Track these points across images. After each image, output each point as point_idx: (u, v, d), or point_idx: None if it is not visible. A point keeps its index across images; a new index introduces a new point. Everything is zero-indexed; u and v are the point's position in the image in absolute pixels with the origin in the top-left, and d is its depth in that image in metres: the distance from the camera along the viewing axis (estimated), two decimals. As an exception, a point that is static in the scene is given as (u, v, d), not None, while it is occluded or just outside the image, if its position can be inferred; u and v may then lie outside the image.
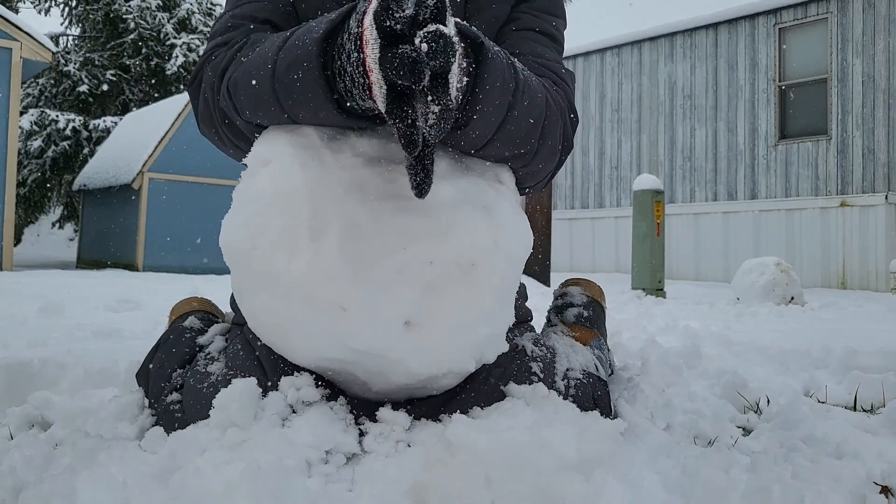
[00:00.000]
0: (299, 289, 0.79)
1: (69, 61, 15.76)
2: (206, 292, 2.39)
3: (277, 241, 0.80)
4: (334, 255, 0.77)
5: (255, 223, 0.83)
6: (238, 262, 0.86)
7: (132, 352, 1.72)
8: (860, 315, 4.32)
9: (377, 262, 0.78)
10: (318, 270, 0.78)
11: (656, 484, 0.77)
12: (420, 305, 0.80)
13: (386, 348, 0.80)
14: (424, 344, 0.81)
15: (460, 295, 0.81)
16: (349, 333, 0.79)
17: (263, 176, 0.84)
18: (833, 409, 1.39)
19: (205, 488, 0.68)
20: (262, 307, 0.84)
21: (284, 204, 0.81)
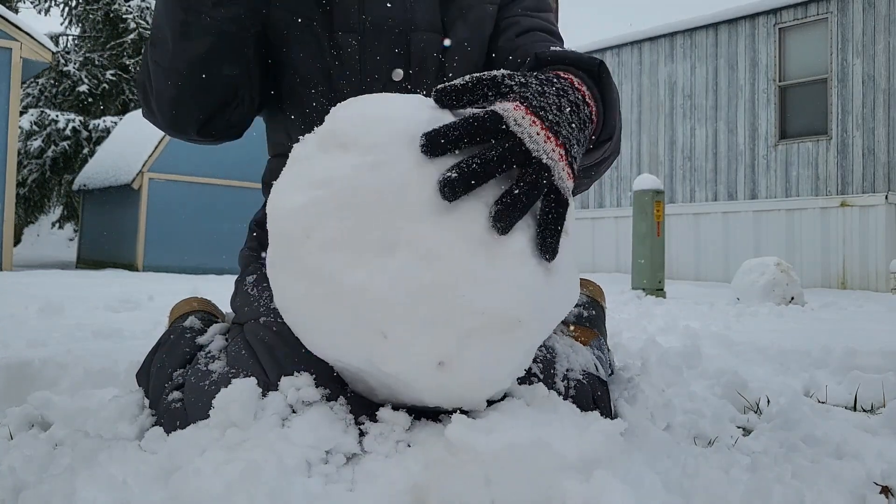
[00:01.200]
0: (347, 300, 0.76)
1: (69, 61, 15.76)
2: (206, 292, 2.39)
3: (337, 241, 0.76)
4: (394, 278, 0.74)
5: (314, 213, 0.77)
6: (283, 242, 0.80)
7: (132, 352, 1.72)
8: (860, 315, 4.32)
9: (432, 300, 0.74)
10: (373, 289, 0.74)
11: (656, 484, 0.77)
12: (457, 350, 0.77)
13: (412, 380, 0.80)
14: (450, 386, 0.80)
15: (497, 349, 0.79)
16: (382, 358, 0.78)
17: (338, 161, 0.77)
18: (833, 409, 1.39)
19: (204, 488, 0.68)
20: (294, 294, 0.81)
21: (355, 204, 0.75)
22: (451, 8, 1.21)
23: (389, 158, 0.75)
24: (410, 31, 1.17)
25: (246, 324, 1.07)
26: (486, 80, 0.74)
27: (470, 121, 0.71)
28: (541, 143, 0.72)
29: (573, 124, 0.77)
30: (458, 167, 0.70)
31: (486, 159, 0.70)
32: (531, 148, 0.72)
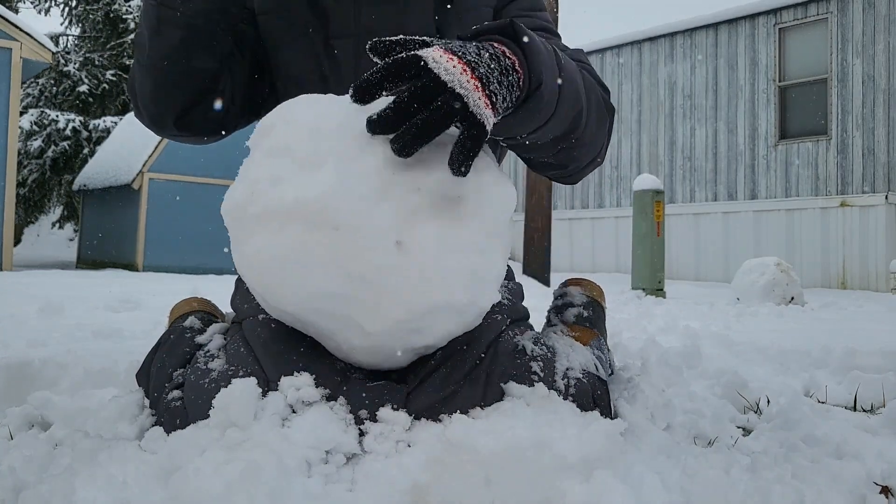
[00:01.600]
0: (295, 214, 0.82)
1: (69, 61, 15.76)
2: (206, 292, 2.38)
3: (276, 179, 0.85)
4: (328, 179, 0.82)
5: (252, 176, 0.88)
6: (236, 217, 0.89)
7: (132, 352, 1.72)
8: (860, 315, 4.32)
9: (365, 182, 0.82)
10: (311, 194, 0.82)
11: (656, 484, 0.77)
12: (409, 227, 0.83)
13: (380, 268, 0.82)
14: (416, 264, 0.83)
15: (448, 222, 0.85)
16: (344, 253, 0.81)
17: (264, 142, 0.91)
18: (833, 409, 1.39)
19: (204, 488, 0.68)
20: (256, 249, 0.86)
21: (283, 150, 0.87)
22: (448, 12, 1.21)
23: (297, 116, 0.90)
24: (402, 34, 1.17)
25: (245, 321, 1.07)
26: (417, 41, 0.80)
27: (393, 61, 0.76)
28: (456, 75, 0.76)
29: (492, 66, 0.80)
30: (383, 109, 0.76)
31: (404, 97, 0.75)
32: (446, 79, 0.75)
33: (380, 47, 0.80)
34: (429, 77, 0.75)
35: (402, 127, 0.77)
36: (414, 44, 0.80)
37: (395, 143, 0.78)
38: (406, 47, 0.79)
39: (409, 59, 0.75)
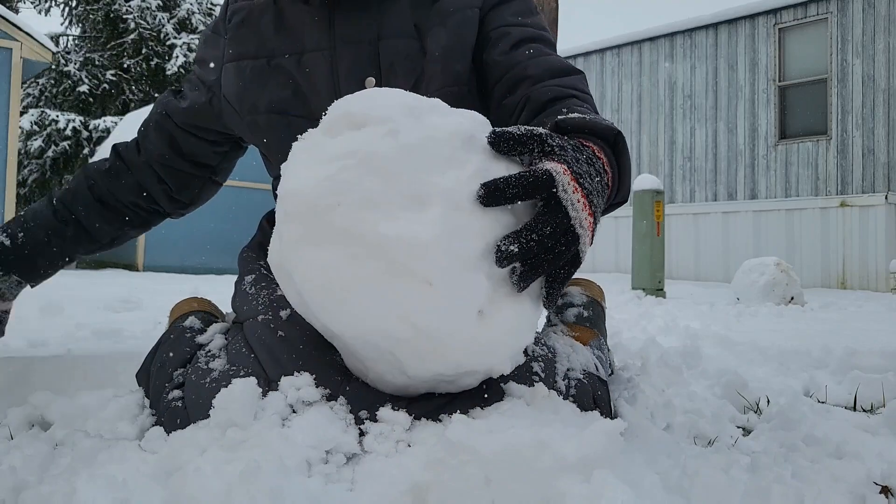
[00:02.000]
0: (386, 252, 0.77)
1: (69, 61, 15.76)
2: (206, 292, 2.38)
3: (369, 201, 0.79)
4: (434, 227, 0.77)
5: (342, 179, 0.80)
6: (309, 215, 0.82)
7: (132, 352, 1.71)
8: (860, 315, 4.32)
9: (471, 242, 0.78)
10: (413, 239, 0.77)
11: (656, 484, 0.77)
12: (493, 298, 0.81)
13: (454, 334, 0.80)
14: (486, 337, 0.82)
15: (526, 303, 0.84)
16: (426, 309, 0.78)
17: (355, 137, 0.83)
18: (833, 409, 1.39)
19: (204, 488, 0.69)
20: (324, 263, 0.80)
21: (381, 166, 0.80)
22: (430, 14, 1.20)
23: (402, 126, 0.81)
24: (378, 40, 1.19)
25: (245, 322, 1.07)
26: (535, 136, 0.81)
27: (527, 179, 0.77)
28: (579, 212, 0.79)
29: (600, 193, 0.84)
30: (520, 242, 0.77)
31: (541, 237, 0.77)
32: (572, 216, 0.78)
33: (504, 142, 0.82)
34: (561, 214, 0.77)
35: (526, 265, 0.79)
36: (533, 140, 0.81)
37: (522, 281, 0.80)
38: (527, 144, 0.81)
39: (543, 180, 0.77)
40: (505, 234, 0.79)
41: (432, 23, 1.19)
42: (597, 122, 0.92)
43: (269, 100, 1.22)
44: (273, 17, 1.25)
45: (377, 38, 1.19)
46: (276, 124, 1.22)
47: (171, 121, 1.36)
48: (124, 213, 1.41)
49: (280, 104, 1.21)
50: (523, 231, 0.77)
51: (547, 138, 0.81)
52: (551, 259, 0.79)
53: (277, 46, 1.23)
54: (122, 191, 1.38)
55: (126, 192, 1.38)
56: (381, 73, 1.18)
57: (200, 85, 1.34)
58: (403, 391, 0.90)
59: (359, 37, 1.19)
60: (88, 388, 1.33)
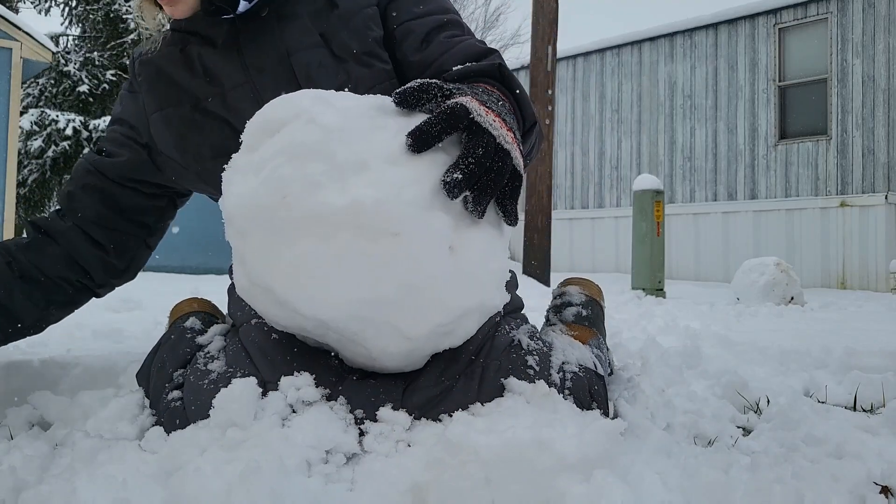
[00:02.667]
0: (347, 222, 0.80)
1: (69, 61, 15.75)
2: (206, 292, 2.38)
3: (313, 183, 0.82)
4: (380, 182, 0.80)
5: (278, 176, 0.83)
6: (262, 220, 0.84)
7: (132, 352, 1.72)
8: (860, 315, 4.32)
9: (420, 186, 0.82)
10: (367, 199, 0.80)
11: (656, 484, 0.77)
12: (460, 232, 0.84)
13: (436, 276, 0.82)
14: (465, 269, 0.85)
15: (485, 226, 0.87)
16: (399, 260, 0.80)
17: (276, 140, 0.87)
18: (833, 409, 1.39)
19: (205, 488, 0.69)
20: (299, 256, 0.82)
21: (312, 150, 0.83)
22: (332, 21, 1.22)
23: (318, 113, 0.86)
24: (289, 56, 1.19)
25: (240, 327, 1.08)
26: (433, 84, 0.89)
27: (445, 114, 0.83)
28: (499, 129, 0.86)
29: (509, 113, 0.92)
30: (460, 169, 0.83)
31: (477, 159, 0.83)
32: (495, 134, 0.85)
33: (409, 98, 0.88)
34: (486, 136, 0.85)
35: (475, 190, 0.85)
36: (432, 88, 0.88)
37: (477, 205, 0.85)
38: (428, 92, 0.89)
39: (458, 111, 0.84)
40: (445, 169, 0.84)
41: (336, 28, 1.21)
42: (479, 65, 1.02)
43: (211, 145, 1.21)
44: (184, 65, 1.24)
45: (287, 55, 1.20)
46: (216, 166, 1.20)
47: (104, 177, 1.29)
48: (49, 289, 1.26)
49: (222, 148, 1.17)
50: (459, 160, 0.84)
51: (443, 85, 0.89)
52: (494, 177, 0.85)
53: (199, 92, 1.22)
54: (47, 264, 1.25)
55: (52, 264, 1.26)
56: (301, 87, 1.17)
57: (131, 143, 1.30)
58: (409, 359, 0.91)
59: (270, 61, 1.20)
60: (88, 388, 1.34)
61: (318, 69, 1.19)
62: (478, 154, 0.83)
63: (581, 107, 11.65)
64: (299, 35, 1.21)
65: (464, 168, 0.83)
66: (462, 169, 0.82)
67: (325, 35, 1.21)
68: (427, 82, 0.88)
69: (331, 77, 1.18)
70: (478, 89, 0.92)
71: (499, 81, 1.02)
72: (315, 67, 1.19)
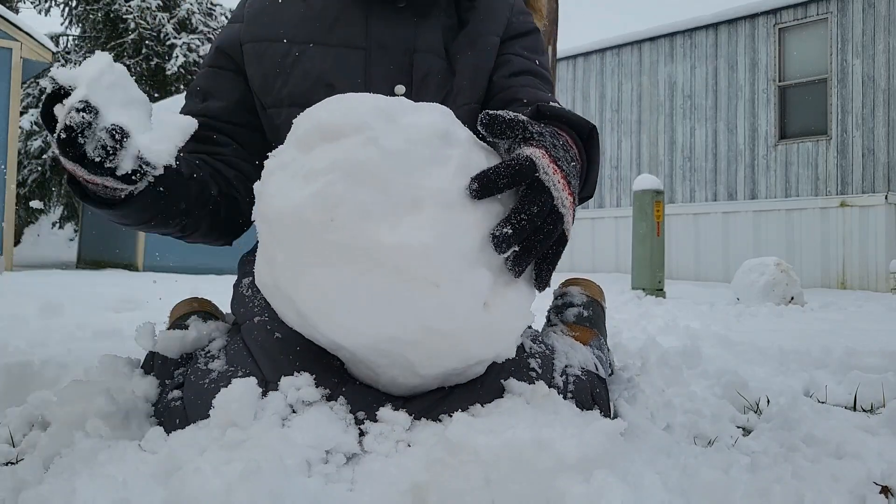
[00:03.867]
0: (390, 261, 0.77)
1: (69, 61, 15.76)
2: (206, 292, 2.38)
3: (364, 212, 0.78)
4: (432, 228, 0.77)
5: (330, 194, 0.78)
6: (303, 235, 0.80)
7: (132, 352, 1.71)
8: (860, 315, 4.32)
9: (468, 237, 0.79)
10: (415, 244, 0.77)
11: (656, 484, 0.77)
12: (494, 287, 0.82)
13: (464, 329, 0.81)
14: (494, 326, 0.84)
15: (522, 284, 0.86)
16: (436, 311, 0.79)
17: (332, 150, 0.81)
18: (833, 409, 1.39)
19: (204, 488, 0.68)
20: (328, 280, 0.79)
21: (368, 176, 0.79)
22: (459, 39, 1.26)
23: (380, 132, 0.81)
24: (414, 52, 1.22)
25: (243, 325, 1.07)
26: (520, 122, 0.86)
27: (512, 167, 0.81)
28: (560, 192, 0.83)
29: (576, 177, 0.89)
30: (512, 224, 0.80)
31: (530, 216, 0.80)
32: (555, 196, 0.82)
33: (496, 127, 0.85)
34: (545, 195, 0.82)
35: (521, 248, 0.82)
36: (517, 126, 0.85)
37: (517, 266, 0.82)
38: (514, 129, 0.85)
39: (526, 167, 0.81)
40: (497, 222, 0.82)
41: (460, 46, 1.25)
42: (575, 115, 0.98)
43: (291, 92, 1.19)
44: (299, 2, 1.23)
45: (412, 50, 1.22)
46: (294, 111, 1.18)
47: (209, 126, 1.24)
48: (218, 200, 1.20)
49: (303, 97, 1.17)
50: (513, 214, 0.81)
51: (528, 125, 0.86)
52: (542, 239, 0.82)
53: (302, 33, 1.21)
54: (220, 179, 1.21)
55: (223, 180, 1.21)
56: (413, 84, 1.21)
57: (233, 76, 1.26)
58: (414, 390, 0.91)
59: (395, 44, 1.22)
60: (88, 387, 1.34)
61: (435, 75, 1.22)
62: (532, 211, 0.81)
63: (581, 107, 11.65)
64: (430, 37, 1.24)
65: (515, 223, 0.80)
66: (513, 224, 0.80)
67: (450, 50, 1.25)
68: (516, 119, 0.86)
69: (439, 87, 1.22)
70: (559, 140, 0.90)
71: (584, 142, 1.00)
72: (434, 73, 1.22)
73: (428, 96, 1.21)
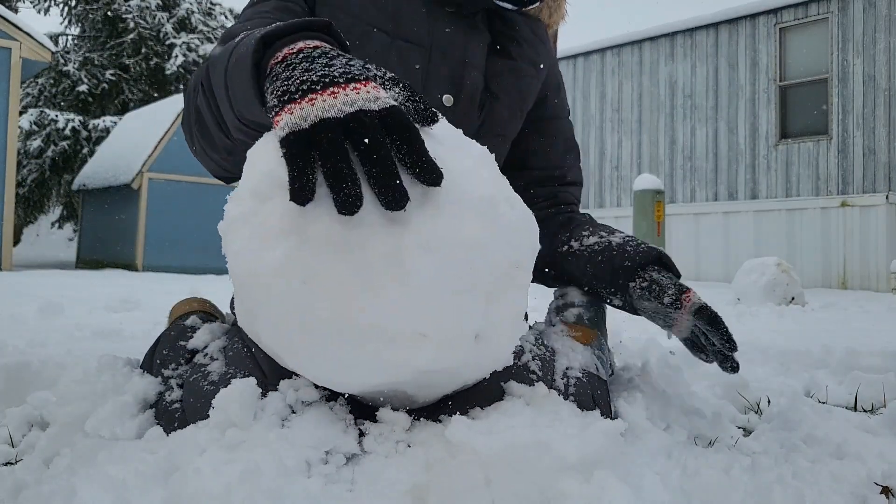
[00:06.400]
0: (376, 323, 0.71)
1: (69, 61, 15.76)
2: (206, 292, 2.38)
3: (335, 279, 0.70)
4: (417, 281, 0.70)
5: (297, 259, 0.70)
6: (277, 301, 0.73)
7: (132, 352, 1.71)
8: (861, 315, 4.32)
9: (454, 281, 0.73)
10: (398, 303, 0.70)
11: (657, 484, 0.77)
12: (486, 317, 0.77)
13: (458, 366, 0.78)
14: (489, 355, 0.81)
15: (512, 300, 0.80)
16: (426, 358, 0.75)
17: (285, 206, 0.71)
18: (834, 409, 1.39)
19: (204, 488, 0.68)
20: (307, 346, 0.75)
21: (332, 242, 0.69)
22: (502, 67, 1.27)
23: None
24: (465, 64, 1.22)
25: (243, 325, 1.07)
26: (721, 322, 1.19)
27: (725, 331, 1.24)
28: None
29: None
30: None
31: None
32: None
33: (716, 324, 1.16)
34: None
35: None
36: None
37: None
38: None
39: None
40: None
41: (501, 72, 1.27)
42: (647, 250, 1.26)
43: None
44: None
45: (464, 61, 1.22)
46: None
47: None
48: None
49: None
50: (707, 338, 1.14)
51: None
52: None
53: (368, 14, 1.17)
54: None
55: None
56: (461, 96, 1.21)
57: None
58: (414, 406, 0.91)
59: (452, 52, 1.21)
60: (88, 388, 1.34)
61: (477, 95, 1.23)
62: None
63: (581, 106, 11.65)
64: (478, 54, 1.24)
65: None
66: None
67: (489, 71, 1.25)
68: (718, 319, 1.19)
69: (480, 106, 1.24)
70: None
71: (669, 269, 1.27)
72: (478, 90, 1.23)
73: (471, 112, 1.22)
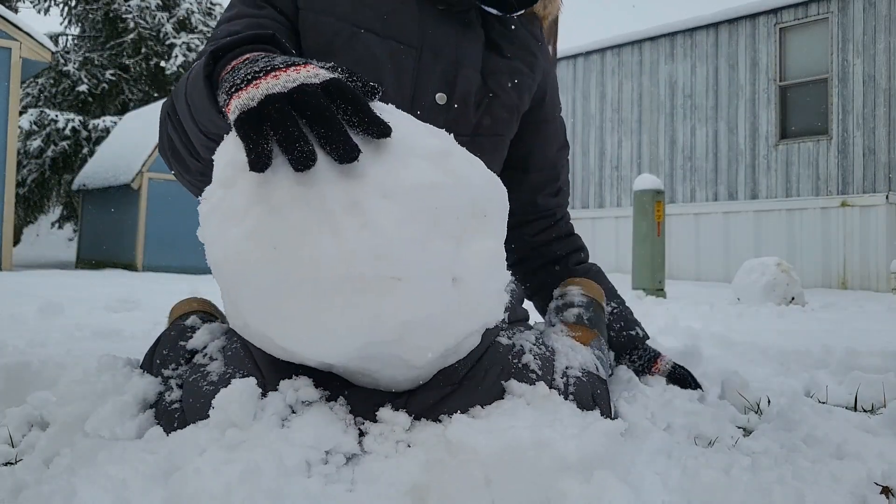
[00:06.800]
0: (348, 272, 0.73)
1: (69, 61, 15.76)
2: (205, 292, 2.38)
3: (302, 230, 0.74)
4: (374, 223, 0.73)
5: (264, 226, 0.74)
6: (252, 275, 0.76)
7: (132, 352, 1.71)
8: (861, 315, 4.32)
9: (418, 222, 0.75)
10: (365, 247, 0.73)
11: (657, 484, 0.77)
12: (459, 259, 0.79)
13: (441, 311, 0.79)
14: (470, 297, 0.81)
15: (486, 246, 0.83)
16: (405, 304, 0.75)
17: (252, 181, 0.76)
18: (834, 409, 1.38)
19: (204, 488, 0.68)
20: (292, 311, 0.76)
21: (295, 202, 0.74)
22: (500, 66, 1.28)
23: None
24: (458, 64, 1.22)
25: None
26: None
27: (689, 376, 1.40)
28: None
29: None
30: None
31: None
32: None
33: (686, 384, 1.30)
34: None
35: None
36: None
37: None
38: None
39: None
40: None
41: (500, 72, 1.28)
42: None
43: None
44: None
45: (458, 62, 1.22)
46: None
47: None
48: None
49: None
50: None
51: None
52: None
53: (357, 17, 1.17)
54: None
55: None
56: (454, 95, 1.22)
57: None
58: (417, 382, 0.90)
59: (444, 52, 1.22)
60: (88, 387, 1.33)
61: (474, 92, 1.24)
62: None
63: (581, 106, 11.65)
64: (473, 52, 1.25)
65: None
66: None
67: (485, 72, 1.26)
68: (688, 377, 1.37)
69: (475, 105, 1.25)
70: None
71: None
72: (473, 90, 1.24)
73: (465, 111, 1.23)
